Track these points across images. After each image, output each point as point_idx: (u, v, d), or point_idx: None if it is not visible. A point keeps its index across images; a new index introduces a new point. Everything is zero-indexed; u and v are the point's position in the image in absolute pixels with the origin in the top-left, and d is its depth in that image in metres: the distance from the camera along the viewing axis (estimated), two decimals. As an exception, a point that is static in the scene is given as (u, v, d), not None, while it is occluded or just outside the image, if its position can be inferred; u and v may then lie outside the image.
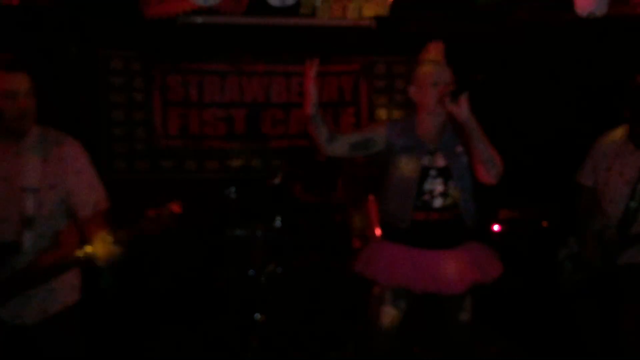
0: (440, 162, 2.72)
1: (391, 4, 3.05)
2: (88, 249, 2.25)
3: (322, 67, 5.84)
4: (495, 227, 5.02)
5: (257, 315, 4.19)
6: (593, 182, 3.23)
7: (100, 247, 2.24)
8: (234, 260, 4.57)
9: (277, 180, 4.52)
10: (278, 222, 4.53)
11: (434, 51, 2.75)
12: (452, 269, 2.68)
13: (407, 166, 2.70)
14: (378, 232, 4.40)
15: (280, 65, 5.65)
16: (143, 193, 5.21)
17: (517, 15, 3.82)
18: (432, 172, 2.71)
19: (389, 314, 2.72)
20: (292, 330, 4.20)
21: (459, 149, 2.73)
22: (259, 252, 4.50)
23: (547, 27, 3.94)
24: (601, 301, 3.17)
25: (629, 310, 3.01)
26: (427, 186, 2.70)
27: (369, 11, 3.04)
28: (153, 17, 3.06)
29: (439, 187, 2.71)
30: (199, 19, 4.87)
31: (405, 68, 5.84)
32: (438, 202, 2.71)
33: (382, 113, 5.85)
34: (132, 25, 4.91)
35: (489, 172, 2.62)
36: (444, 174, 2.71)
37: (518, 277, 4.65)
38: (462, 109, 2.52)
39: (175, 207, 2.30)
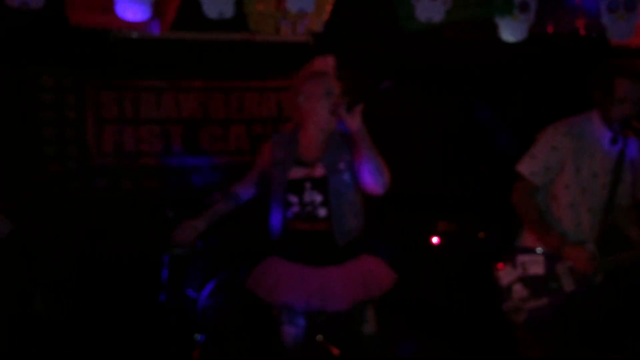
0: (318, 173, 2.74)
1: (326, 21, 3.06)
2: None
3: (261, 82, 5.93)
4: (434, 240, 5.13)
5: (197, 336, 4.12)
6: (544, 182, 2.81)
7: None
8: (173, 281, 4.48)
9: (215, 197, 4.45)
10: (218, 241, 4.47)
11: (322, 64, 2.81)
12: (337, 286, 2.69)
13: (276, 178, 2.80)
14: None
15: (218, 81, 5.59)
16: (76, 213, 5.07)
17: (450, 35, 3.93)
18: (308, 185, 2.74)
19: (289, 334, 2.73)
20: (233, 351, 4.15)
21: (342, 165, 2.75)
22: (199, 271, 4.43)
23: (477, 46, 4.08)
24: (560, 331, 2.79)
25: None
26: (307, 198, 2.73)
27: (310, 26, 3.05)
28: (79, 25, 2.95)
29: (318, 197, 2.73)
30: (134, 34, 4.77)
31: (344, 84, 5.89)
32: (323, 212, 2.73)
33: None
34: (63, 41, 4.77)
35: (377, 182, 2.68)
36: (321, 185, 2.73)
37: (457, 289, 4.78)
38: (356, 120, 2.60)
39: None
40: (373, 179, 2.66)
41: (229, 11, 2.69)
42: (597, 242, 2.75)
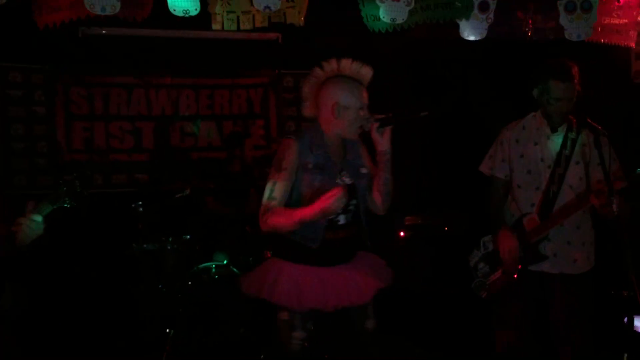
0: (346, 181, 2.71)
1: (290, 16, 3.13)
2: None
3: (231, 79, 5.95)
4: (401, 233, 5.25)
5: (169, 330, 4.15)
6: (505, 174, 3.17)
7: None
8: (144, 275, 4.49)
9: (186, 193, 4.49)
10: (188, 235, 4.50)
11: (356, 72, 2.67)
12: (358, 280, 2.72)
13: (322, 186, 2.61)
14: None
15: (189, 78, 5.63)
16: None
17: (414, 34, 4.04)
18: None
19: (300, 338, 2.70)
20: (205, 344, 4.18)
21: (364, 170, 2.77)
22: (170, 265, 4.46)
23: (443, 43, 4.19)
24: (517, 304, 3.08)
25: (558, 320, 3.02)
26: None
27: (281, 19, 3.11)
28: (48, 26, 2.95)
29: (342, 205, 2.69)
30: (103, 31, 4.78)
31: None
32: (342, 220, 2.71)
33: (290, 125, 5.96)
34: (32, 37, 4.75)
35: (383, 204, 2.74)
36: (348, 194, 2.67)
37: (424, 279, 4.90)
38: (386, 141, 2.62)
39: None
40: (381, 200, 2.71)
41: (194, 9, 2.73)
42: (539, 213, 3.04)
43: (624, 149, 3.19)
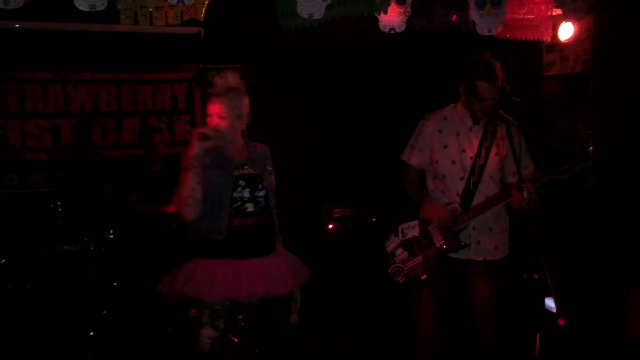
0: (248, 172, 2.89)
1: (206, 9, 3.08)
2: None
3: (154, 74, 5.83)
4: (330, 226, 5.32)
5: (93, 333, 4.06)
6: (421, 163, 3.24)
7: None
8: (65, 277, 4.37)
9: (107, 192, 4.39)
10: (111, 235, 4.40)
11: (233, 79, 2.85)
12: (274, 271, 2.84)
13: (219, 178, 2.80)
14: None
15: (109, 73, 5.48)
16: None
17: (338, 26, 4.08)
18: (241, 182, 2.86)
19: (208, 336, 2.74)
20: (131, 346, 4.12)
21: (269, 167, 2.98)
22: (92, 266, 4.35)
23: (363, 36, 4.25)
24: (439, 290, 3.19)
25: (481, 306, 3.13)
26: (237, 194, 2.84)
27: (187, 16, 3.05)
28: None
29: (246, 194, 2.86)
30: (16, 24, 4.58)
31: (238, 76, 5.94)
32: (250, 207, 2.86)
33: (216, 120, 5.90)
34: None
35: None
36: (252, 183, 2.88)
37: (352, 270, 4.99)
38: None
39: None
40: None
41: (100, 4, 2.63)
42: (461, 203, 3.14)
43: (533, 140, 3.33)
